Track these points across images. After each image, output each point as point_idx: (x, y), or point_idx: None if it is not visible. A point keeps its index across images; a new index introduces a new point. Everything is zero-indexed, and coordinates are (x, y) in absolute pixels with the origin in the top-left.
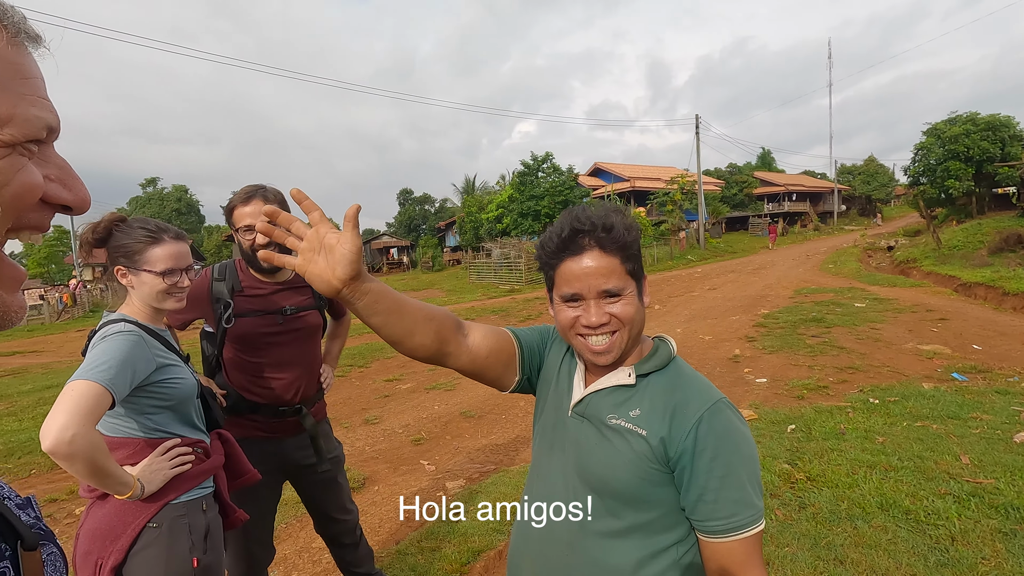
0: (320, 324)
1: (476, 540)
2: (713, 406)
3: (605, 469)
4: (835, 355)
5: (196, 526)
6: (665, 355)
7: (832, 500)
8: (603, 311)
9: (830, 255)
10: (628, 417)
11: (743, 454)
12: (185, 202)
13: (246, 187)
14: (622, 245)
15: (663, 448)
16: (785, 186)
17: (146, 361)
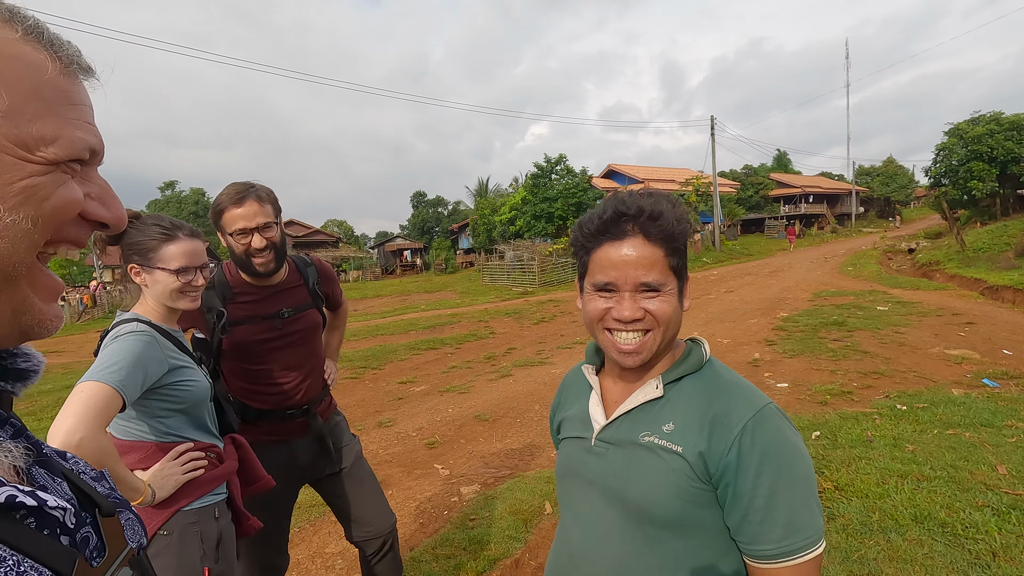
0: (320, 322)
1: (492, 548)
2: (759, 413)
3: (641, 494)
4: (859, 359)
5: (208, 534)
6: (698, 357)
7: (863, 511)
8: (637, 305)
9: (849, 257)
10: (661, 432)
11: (795, 469)
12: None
13: (234, 186)
14: (669, 236)
15: (703, 464)
16: (802, 188)
17: (158, 362)
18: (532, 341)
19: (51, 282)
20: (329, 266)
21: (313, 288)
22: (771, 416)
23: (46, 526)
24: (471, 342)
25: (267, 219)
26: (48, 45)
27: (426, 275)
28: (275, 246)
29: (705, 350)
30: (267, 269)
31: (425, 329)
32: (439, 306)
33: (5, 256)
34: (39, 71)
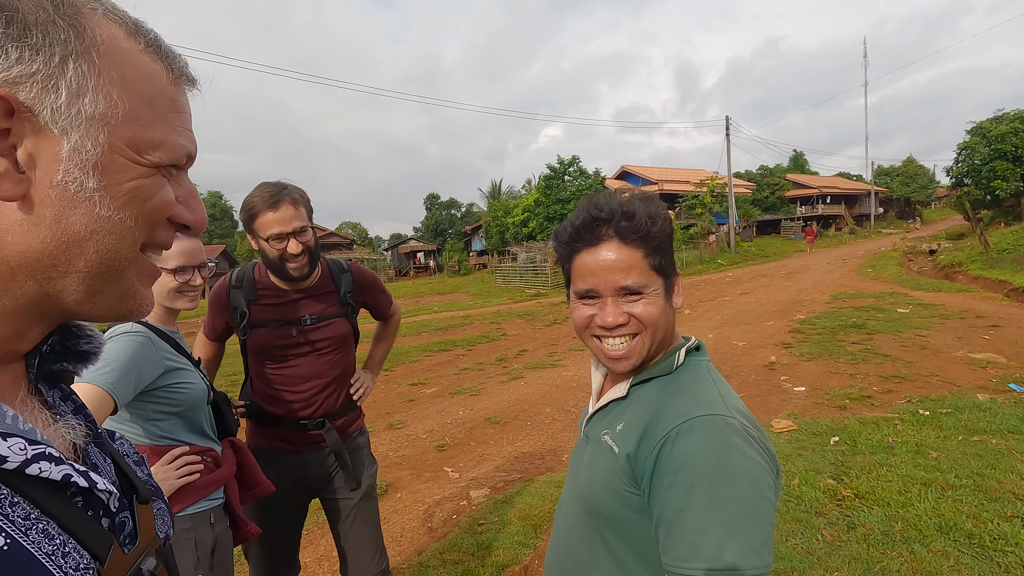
0: (348, 333)
1: (501, 554)
2: (688, 422)
3: (593, 492)
4: (879, 363)
5: (203, 540)
6: (671, 361)
7: (884, 520)
8: (621, 310)
9: (868, 259)
10: (614, 432)
11: (720, 488)
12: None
13: (267, 187)
14: (645, 236)
15: (630, 468)
16: (819, 188)
17: (152, 364)
18: (544, 343)
19: (151, 268)
20: (370, 274)
21: (344, 297)
22: (706, 427)
23: (92, 507)
24: (483, 344)
25: (302, 223)
26: (164, 57)
27: (439, 277)
28: (310, 250)
29: (679, 355)
30: (301, 274)
31: (437, 331)
32: (451, 308)
33: (113, 250)
34: (155, 81)
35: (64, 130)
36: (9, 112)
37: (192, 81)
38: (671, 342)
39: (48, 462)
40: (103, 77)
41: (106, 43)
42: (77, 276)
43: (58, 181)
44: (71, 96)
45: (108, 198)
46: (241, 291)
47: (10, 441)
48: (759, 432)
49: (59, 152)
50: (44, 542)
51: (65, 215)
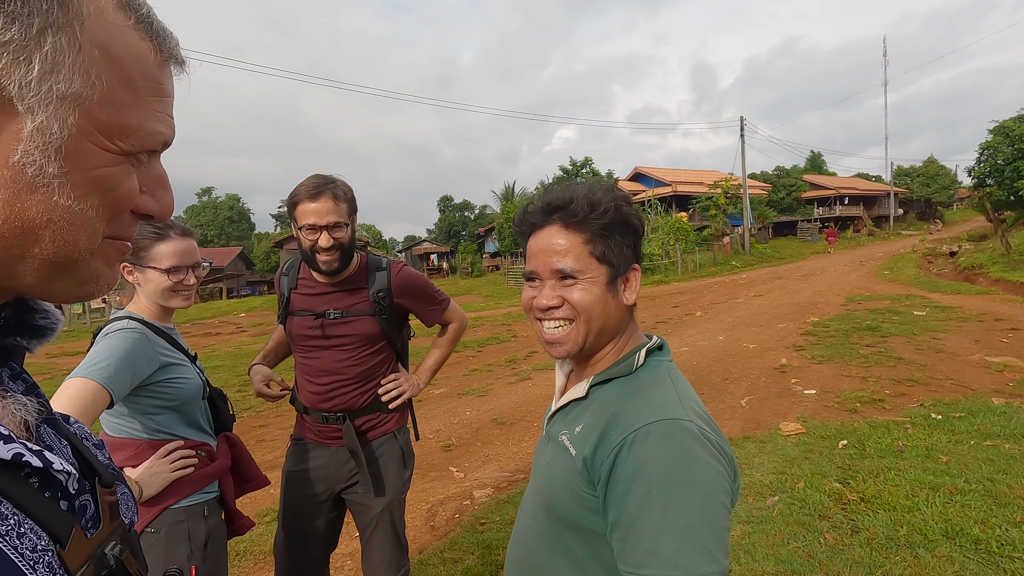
0: (373, 333)
1: (501, 553)
2: (644, 428)
3: (551, 491)
4: (892, 366)
5: (196, 533)
6: (630, 362)
7: (889, 524)
8: (555, 293)
9: (886, 261)
10: (572, 433)
11: (677, 494)
12: (237, 210)
13: (314, 179)
14: (582, 221)
15: (587, 470)
16: (836, 189)
17: (148, 359)
18: None
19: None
20: (413, 276)
21: (375, 296)
22: (662, 433)
23: (49, 488)
24: (493, 345)
25: (339, 218)
26: (154, 35)
27: (452, 279)
28: (342, 246)
29: (639, 356)
30: (329, 268)
31: None
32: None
33: (70, 242)
34: (141, 60)
35: (30, 108)
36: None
37: (181, 62)
38: (626, 339)
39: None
40: (83, 54)
41: (92, 16)
42: (32, 262)
43: (14, 162)
44: (44, 71)
45: (69, 186)
46: (287, 279)
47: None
48: (717, 435)
49: (20, 131)
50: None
51: (19, 199)
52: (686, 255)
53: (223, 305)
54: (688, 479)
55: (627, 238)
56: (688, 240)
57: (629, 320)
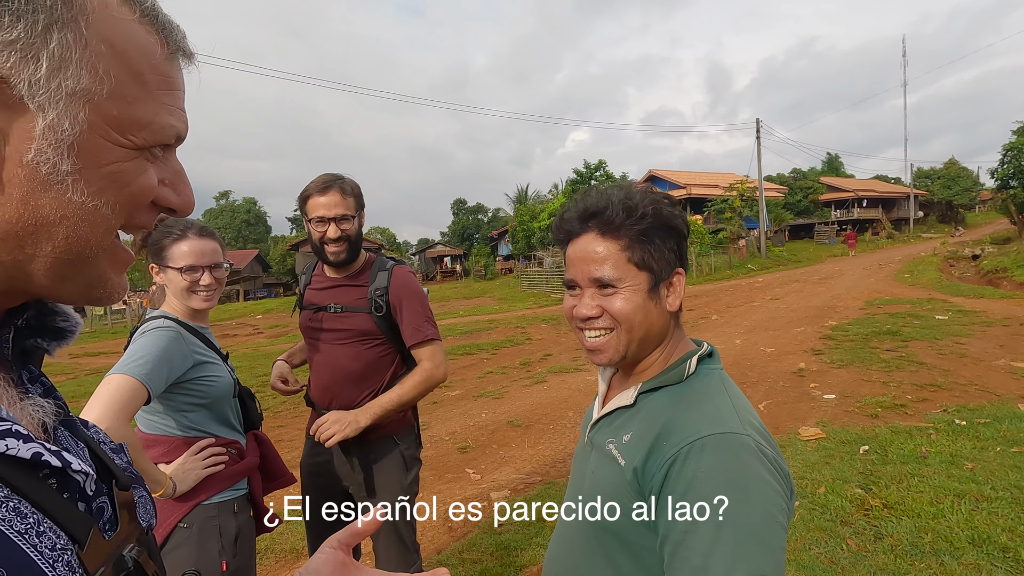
0: (367, 330)
1: (520, 554)
2: (700, 441)
3: (594, 500)
4: (914, 371)
5: (227, 529)
6: (680, 370)
7: (913, 531)
8: (594, 303)
9: (906, 264)
10: (620, 442)
11: (731, 512)
12: (254, 213)
13: (323, 176)
14: (619, 228)
15: (637, 482)
16: (854, 192)
17: (183, 357)
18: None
19: (124, 255)
20: (414, 284)
21: (372, 293)
22: (718, 447)
23: (67, 489)
24: (507, 348)
25: (346, 211)
26: (160, 28)
27: (465, 281)
28: (349, 238)
29: (690, 363)
30: (338, 259)
31: (462, 334)
32: (477, 312)
33: (84, 238)
34: (148, 54)
35: (40, 105)
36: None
37: (189, 55)
38: (673, 345)
39: (15, 439)
40: (90, 49)
41: (96, 11)
42: (44, 260)
43: (28, 160)
44: (52, 68)
45: (83, 183)
46: (305, 277)
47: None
48: (774, 451)
49: (32, 129)
50: (15, 520)
51: (34, 197)
52: (701, 258)
53: (240, 307)
54: (744, 495)
55: (669, 241)
56: (703, 243)
57: (675, 326)
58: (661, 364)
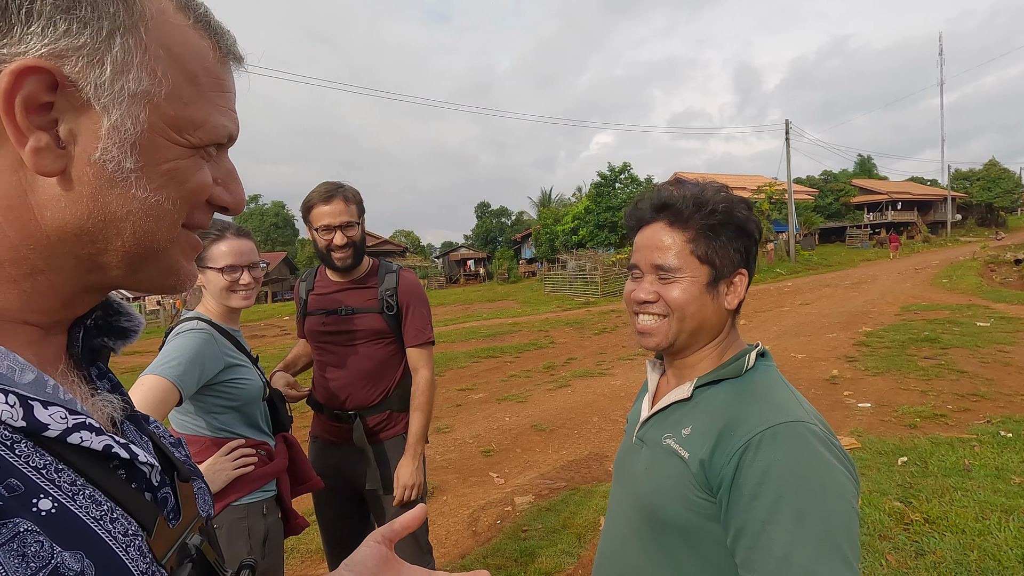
0: (379, 329)
1: (544, 561)
2: (771, 430)
3: (655, 498)
4: (954, 379)
5: (255, 530)
6: (740, 363)
7: (958, 548)
8: (652, 289)
9: (943, 269)
10: (679, 436)
11: (810, 500)
12: (282, 217)
13: (325, 185)
14: (687, 219)
15: (703, 474)
16: (888, 194)
17: (215, 359)
18: (592, 352)
19: (194, 243)
20: (417, 284)
21: (383, 294)
22: (791, 436)
23: (135, 480)
24: (531, 351)
25: (350, 218)
26: (212, 33)
27: (488, 284)
28: (354, 244)
29: (749, 358)
30: (344, 264)
31: (486, 337)
32: (500, 315)
33: (150, 232)
34: (201, 58)
35: (106, 107)
36: (53, 86)
37: (239, 59)
38: (727, 343)
39: (89, 432)
40: (149, 53)
41: (155, 17)
42: (116, 254)
43: (96, 159)
44: (116, 72)
45: (145, 179)
46: (305, 284)
47: (51, 410)
48: (837, 440)
49: (99, 129)
50: (91, 507)
51: (102, 194)
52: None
53: (268, 308)
54: (821, 483)
55: (737, 241)
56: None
57: (731, 325)
58: (715, 359)
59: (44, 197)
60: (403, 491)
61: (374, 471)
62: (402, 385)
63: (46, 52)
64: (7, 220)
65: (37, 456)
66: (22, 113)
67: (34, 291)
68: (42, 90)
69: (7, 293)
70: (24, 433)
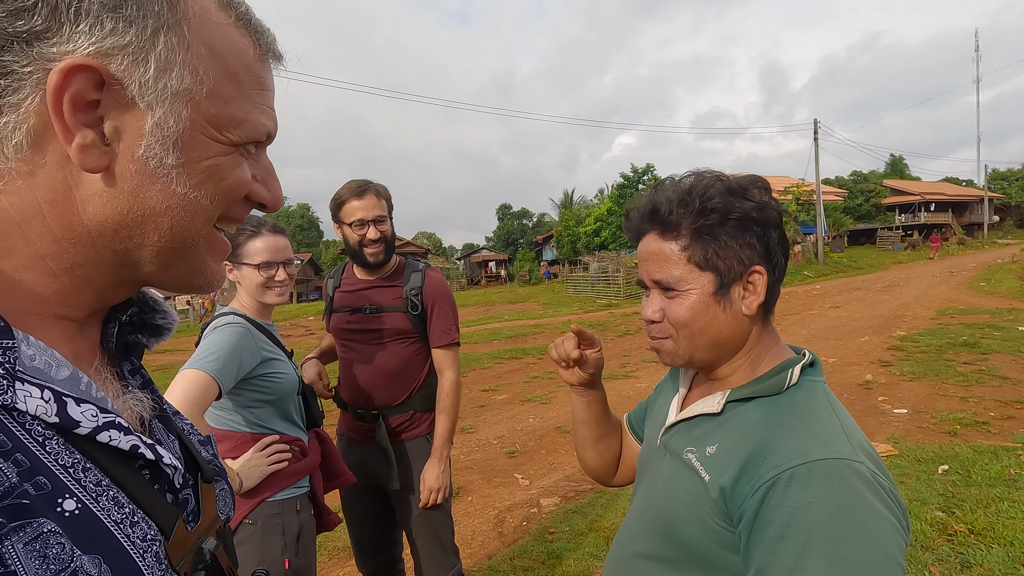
0: (404, 329)
1: (571, 564)
2: (805, 466)
3: (670, 513)
4: (996, 386)
5: (289, 526)
6: (779, 381)
7: (1006, 560)
8: (655, 307)
9: (981, 272)
10: (702, 454)
11: (842, 551)
12: (307, 219)
13: (355, 181)
14: (676, 225)
15: (723, 502)
16: (921, 195)
17: (252, 353)
18: (616, 354)
19: (222, 244)
20: (444, 283)
21: (407, 293)
22: (828, 475)
23: (158, 480)
24: None
25: (382, 213)
26: (253, 31)
27: (510, 286)
28: (386, 240)
29: (792, 372)
30: (377, 260)
31: (508, 339)
32: (522, 316)
33: (186, 227)
34: (242, 56)
35: (150, 104)
36: (100, 84)
37: (279, 57)
38: (762, 351)
39: (118, 431)
40: (191, 51)
41: (197, 16)
42: (152, 249)
43: (139, 156)
44: (159, 70)
45: (185, 175)
46: (332, 280)
47: (83, 407)
48: (889, 481)
49: (142, 126)
50: (114, 509)
51: (143, 189)
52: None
53: (294, 308)
54: (859, 532)
55: (743, 235)
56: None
57: (760, 330)
58: (748, 371)
59: (87, 192)
60: (429, 494)
61: (395, 472)
62: (427, 385)
63: (93, 50)
64: (51, 214)
65: (66, 454)
66: (70, 111)
67: (72, 285)
68: (89, 88)
69: (47, 286)
70: (56, 429)
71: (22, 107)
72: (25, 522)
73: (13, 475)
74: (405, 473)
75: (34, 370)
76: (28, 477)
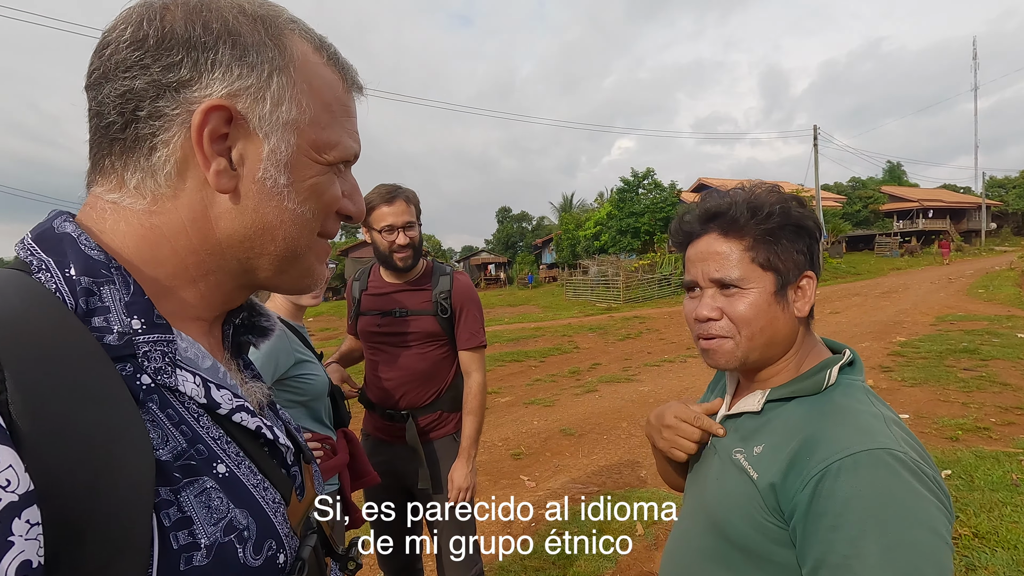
0: (433, 332)
1: (581, 564)
2: (851, 458)
3: (722, 511)
4: (997, 392)
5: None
6: (819, 379)
7: (1011, 564)
8: (714, 304)
9: (979, 279)
10: (750, 453)
11: (899, 531)
12: None
13: (384, 186)
14: (742, 227)
15: (774, 498)
16: (919, 201)
17: (287, 354)
18: (618, 357)
19: (325, 248)
20: (471, 286)
21: (436, 296)
22: (874, 464)
23: (275, 457)
24: (555, 356)
25: (411, 218)
26: (340, 68)
27: (510, 289)
28: (414, 245)
29: (830, 373)
30: (406, 264)
31: (509, 342)
32: (522, 320)
33: (295, 238)
34: (334, 89)
35: (266, 134)
36: (229, 119)
37: (360, 88)
38: (805, 352)
39: (247, 413)
40: (296, 88)
41: (300, 58)
42: (269, 257)
43: (259, 178)
44: (273, 105)
45: (294, 193)
46: (358, 283)
47: (222, 392)
48: (933, 470)
49: (261, 153)
50: (251, 476)
51: (262, 206)
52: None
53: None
54: (910, 515)
55: (798, 243)
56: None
57: (805, 332)
58: (791, 371)
59: (220, 211)
60: (458, 492)
61: (425, 470)
62: (454, 386)
63: (224, 92)
64: (193, 230)
65: (213, 428)
66: (208, 143)
67: (207, 289)
68: (221, 123)
69: (189, 292)
70: (204, 408)
71: (171, 143)
72: (195, 479)
73: (183, 441)
74: (433, 472)
75: (187, 360)
76: (192, 444)
